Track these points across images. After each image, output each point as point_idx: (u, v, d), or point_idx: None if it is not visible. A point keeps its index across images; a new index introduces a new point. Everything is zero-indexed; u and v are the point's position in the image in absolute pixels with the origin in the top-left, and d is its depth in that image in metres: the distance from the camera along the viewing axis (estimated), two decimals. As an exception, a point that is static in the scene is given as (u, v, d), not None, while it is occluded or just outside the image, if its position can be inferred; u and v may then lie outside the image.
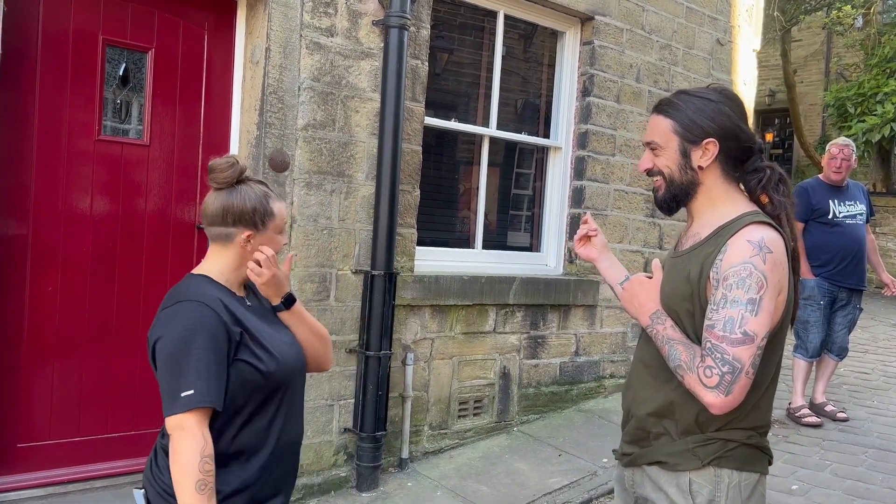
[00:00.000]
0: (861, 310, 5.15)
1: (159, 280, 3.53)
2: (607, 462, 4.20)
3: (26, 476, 3.24)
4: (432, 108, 4.39)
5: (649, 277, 1.76)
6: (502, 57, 4.69)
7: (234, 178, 1.77)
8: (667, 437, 1.70)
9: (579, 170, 4.98)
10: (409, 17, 3.80)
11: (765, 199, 1.71)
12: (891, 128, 10.79)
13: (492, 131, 4.68)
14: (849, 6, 12.25)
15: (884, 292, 5.23)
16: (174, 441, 1.60)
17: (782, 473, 4.08)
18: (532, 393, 4.77)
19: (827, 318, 4.96)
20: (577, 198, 4.98)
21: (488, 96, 4.69)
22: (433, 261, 4.35)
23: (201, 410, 1.61)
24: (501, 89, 4.71)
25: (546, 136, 5.09)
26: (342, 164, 3.76)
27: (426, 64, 4.11)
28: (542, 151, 5.11)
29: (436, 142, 4.55)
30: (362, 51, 3.81)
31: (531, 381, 4.76)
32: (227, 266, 1.80)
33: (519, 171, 5.14)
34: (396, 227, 3.85)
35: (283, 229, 1.86)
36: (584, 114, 4.98)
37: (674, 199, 1.76)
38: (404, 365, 4.04)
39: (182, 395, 1.59)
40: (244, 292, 1.85)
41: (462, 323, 4.33)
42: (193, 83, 3.59)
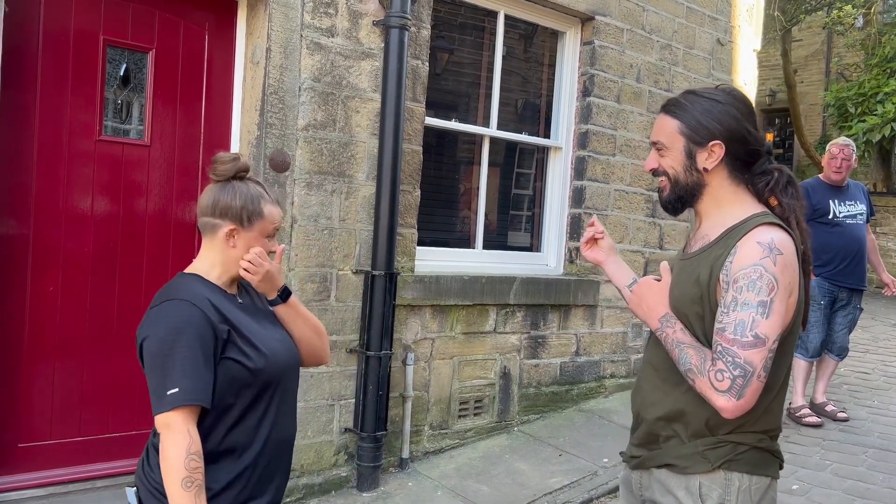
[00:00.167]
0: (861, 310, 5.15)
1: (160, 280, 3.52)
2: (608, 462, 4.21)
3: (27, 476, 3.24)
4: (433, 108, 4.39)
5: (657, 280, 1.75)
6: (503, 57, 4.69)
7: (232, 173, 1.79)
8: (676, 440, 1.69)
9: (580, 170, 4.98)
10: (409, 17, 3.80)
11: (773, 202, 1.69)
12: (891, 127, 10.79)
13: (492, 131, 4.68)
14: (849, 6, 12.25)
15: (884, 292, 5.23)
16: (162, 439, 1.62)
17: (783, 473, 4.03)
18: (532, 393, 4.77)
19: (827, 318, 4.97)
20: (578, 198, 4.98)
21: (489, 96, 4.69)
22: (434, 261, 4.35)
23: (188, 408, 1.61)
24: (502, 89, 4.71)
25: (546, 136, 5.09)
26: (343, 164, 3.76)
27: (426, 64, 4.11)
28: (543, 151, 5.11)
29: (436, 142, 4.55)
30: (363, 51, 3.81)
31: (532, 381, 4.76)
32: (214, 262, 1.80)
33: (519, 171, 5.14)
34: (397, 227, 3.85)
35: (273, 234, 1.84)
36: (585, 114, 4.98)
37: (679, 200, 1.74)
38: (405, 365, 4.05)
39: (168, 394, 1.60)
40: (236, 290, 1.85)
41: (462, 323, 4.34)
42: (194, 83, 3.59)
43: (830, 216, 4.92)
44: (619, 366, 5.32)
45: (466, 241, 4.73)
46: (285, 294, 1.87)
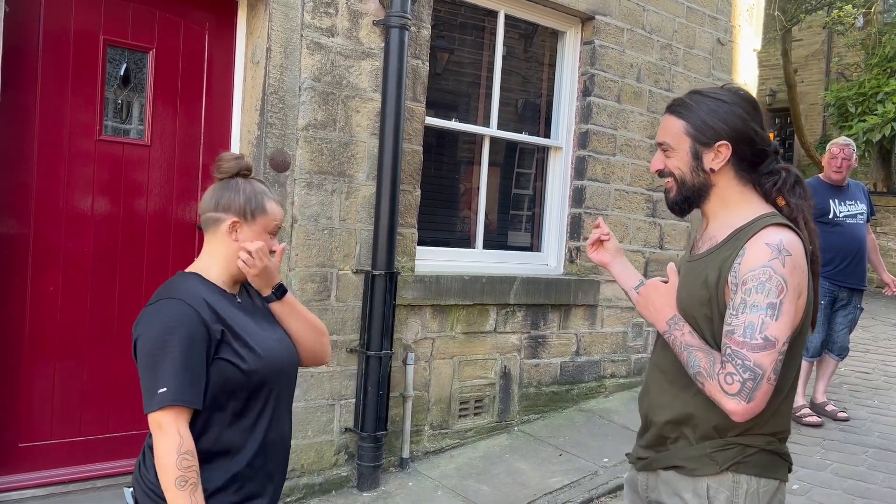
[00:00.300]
0: (862, 309, 5.15)
1: (160, 280, 3.50)
2: (608, 462, 4.21)
3: (28, 476, 3.24)
4: (433, 107, 4.39)
5: (664, 281, 1.73)
6: (503, 57, 4.69)
7: (235, 170, 1.81)
8: (684, 442, 1.67)
9: (580, 169, 4.98)
10: (409, 17, 3.80)
11: (781, 202, 1.67)
12: (891, 127, 10.79)
13: (492, 131, 4.68)
14: (849, 6, 12.25)
15: (884, 292, 5.23)
16: (154, 440, 1.62)
17: (783, 473, 4.07)
18: (533, 393, 4.77)
19: (827, 318, 4.96)
20: (578, 197, 4.98)
21: (489, 96, 4.69)
22: (434, 261, 4.35)
23: (178, 408, 1.61)
24: (502, 89, 4.71)
25: (547, 135, 5.09)
26: (343, 163, 3.77)
27: (427, 64, 4.11)
28: (543, 151, 5.11)
29: (436, 142, 4.55)
30: (363, 51, 3.81)
31: (532, 380, 4.76)
32: (216, 259, 1.80)
33: (519, 171, 5.14)
34: (397, 226, 3.85)
35: (275, 231, 1.85)
36: (585, 114, 4.98)
37: (685, 200, 1.73)
38: (405, 365, 4.05)
39: (158, 393, 1.60)
40: (236, 290, 1.85)
41: (463, 323, 4.34)
42: (194, 83, 3.60)
43: (830, 216, 4.92)
44: (620, 365, 5.32)
45: (467, 241, 4.73)
46: (280, 291, 1.87)
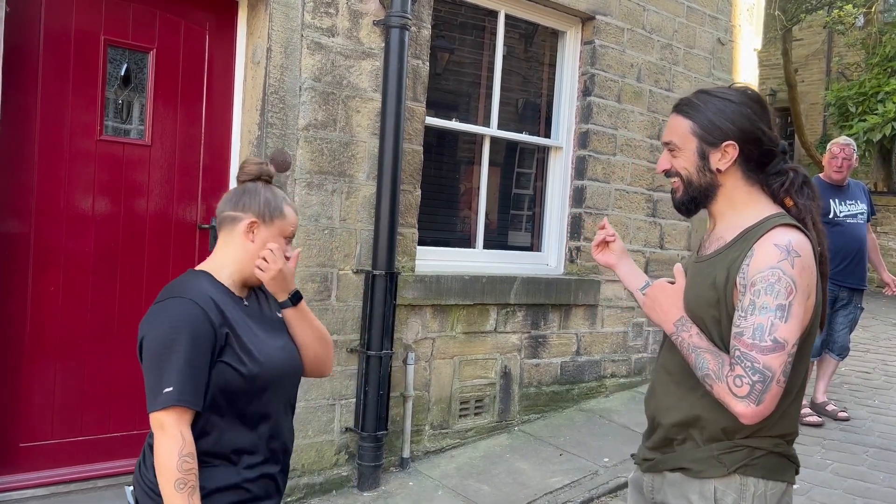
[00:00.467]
0: (862, 309, 5.15)
1: (161, 280, 3.53)
2: (608, 461, 4.21)
3: (28, 475, 3.24)
4: (433, 107, 4.40)
5: (671, 282, 1.72)
6: (503, 56, 4.69)
7: (257, 175, 1.84)
8: (691, 443, 1.66)
9: (580, 169, 4.98)
10: (409, 17, 3.80)
11: (789, 203, 1.66)
12: (892, 127, 10.80)
13: (493, 131, 4.68)
14: (850, 5, 12.26)
15: (885, 291, 5.23)
16: (155, 440, 1.62)
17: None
18: (533, 392, 4.77)
19: (828, 318, 4.96)
20: (578, 197, 4.98)
21: (489, 96, 4.70)
22: (434, 260, 4.35)
23: (181, 409, 1.61)
24: (502, 89, 4.71)
25: (547, 135, 5.09)
26: (343, 164, 3.77)
27: (427, 64, 4.11)
28: (543, 151, 5.11)
29: (437, 141, 4.56)
30: (363, 51, 3.81)
31: (532, 380, 4.76)
32: (228, 259, 1.80)
33: (520, 171, 5.14)
34: (397, 226, 3.85)
35: (291, 236, 1.85)
36: (585, 113, 4.99)
37: (692, 201, 1.72)
38: (405, 364, 4.05)
39: (163, 393, 1.60)
40: (245, 293, 1.84)
41: (463, 322, 4.34)
42: (195, 83, 3.60)
43: (831, 216, 4.92)
44: (620, 365, 5.32)
45: (467, 241, 4.73)
46: (296, 298, 1.87)
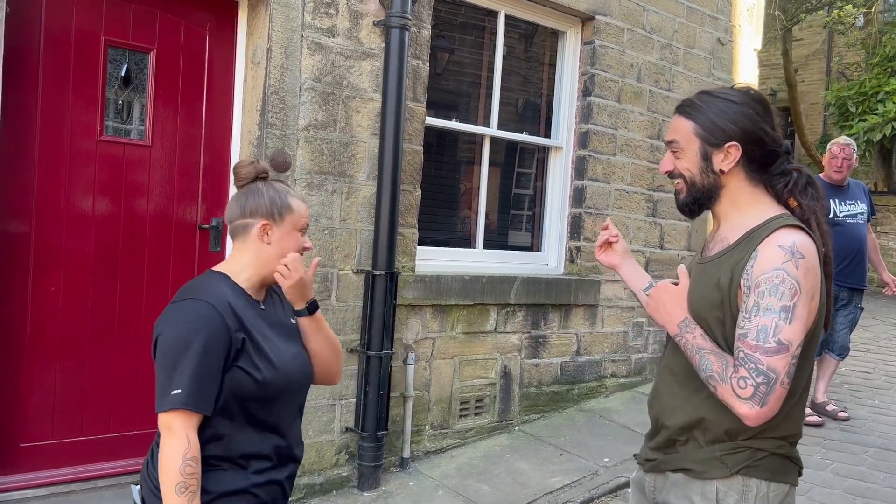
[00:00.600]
0: (862, 309, 5.15)
1: (161, 280, 3.54)
2: (608, 461, 4.21)
3: (29, 476, 3.25)
4: (433, 107, 4.40)
5: (674, 283, 1.71)
6: (503, 57, 4.69)
7: (253, 176, 1.82)
8: (694, 444, 1.66)
9: (580, 169, 4.98)
10: (409, 17, 3.80)
11: (793, 203, 1.65)
12: (892, 127, 10.80)
13: (493, 131, 4.68)
14: (850, 5, 12.26)
15: (885, 291, 5.23)
16: (161, 440, 1.62)
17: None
18: (533, 392, 4.77)
19: (828, 318, 4.96)
20: (578, 197, 4.99)
21: (489, 96, 4.70)
22: (434, 260, 4.35)
23: (188, 412, 1.61)
24: (502, 89, 4.71)
25: (547, 135, 5.09)
26: (343, 164, 3.77)
27: (427, 64, 4.11)
28: (543, 151, 5.11)
29: (437, 142, 4.56)
30: (363, 51, 3.81)
31: (532, 380, 4.76)
32: (245, 263, 1.80)
33: (520, 171, 5.14)
34: (398, 226, 3.85)
35: (304, 228, 1.86)
36: (585, 113, 4.99)
37: (696, 202, 1.71)
38: (405, 364, 4.05)
39: (171, 394, 1.60)
40: (261, 296, 1.84)
41: (463, 322, 4.34)
42: (195, 84, 3.60)
43: (831, 216, 4.91)
44: (620, 365, 5.32)
45: (467, 241, 4.73)
46: (313, 307, 1.87)
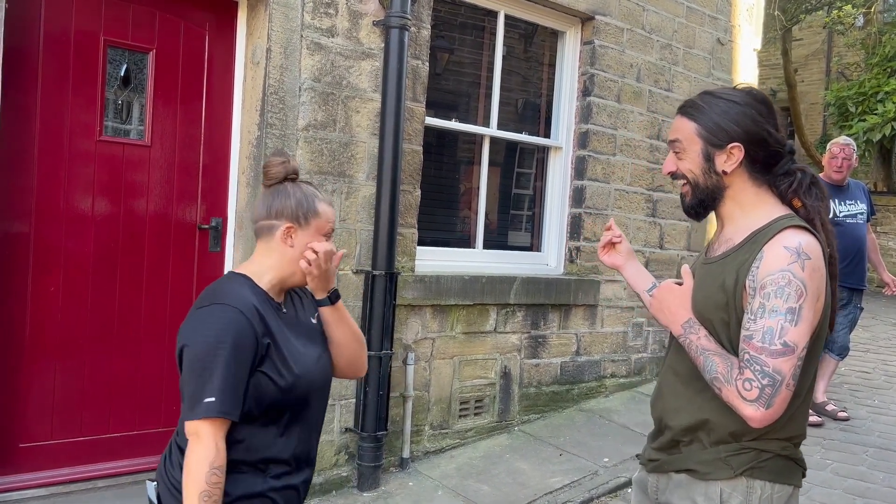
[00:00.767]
0: (862, 309, 5.15)
1: (160, 280, 3.54)
2: (608, 461, 4.21)
3: (29, 476, 3.25)
4: (433, 108, 4.40)
5: (678, 283, 1.70)
6: (503, 57, 4.69)
7: (283, 175, 1.79)
8: (698, 445, 1.66)
9: (580, 169, 4.98)
10: (409, 17, 3.80)
11: (797, 204, 1.65)
12: (892, 127, 10.80)
13: (492, 131, 4.68)
14: (849, 5, 12.26)
15: (885, 291, 5.23)
16: (189, 447, 1.60)
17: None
18: (533, 392, 4.77)
19: (828, 318, 4.96)
20: (578, 197, 4.99)
21: (489, 96, 4.70)
22: (434, 261, 4.35)
23: (219, 420, 1.60)
24: (502, 89, 4.71)
25: (546, 135, 5.09)
26: (343, 164, 3.77)
27: (427, 64, 4.11)
28: (543, 151, 5.11)
29: (436, 142, 4.56)
30: (363, 51, 3.81)
31: (532, 380, 4.76)
32: (268, 266, 1.77)
33: (519, 171, 5.14)
34: (397, 227, 3.85)
35: (329, 233, 1.83)
36: (585, 113, 4.99)
37: (700, 204, 1.70)
38: (405, 365, 4.05)
39: (204, 402, 1.58)
40: (282, 298, 1.82)
41: (463, 323, 4.34)
42: (194, 84, 3.60)
43: (830, 216, 4.90)
44: (620, 365, 5.32)
45: (467, 241, 4.73)
46: (335, 296, 1.86)
